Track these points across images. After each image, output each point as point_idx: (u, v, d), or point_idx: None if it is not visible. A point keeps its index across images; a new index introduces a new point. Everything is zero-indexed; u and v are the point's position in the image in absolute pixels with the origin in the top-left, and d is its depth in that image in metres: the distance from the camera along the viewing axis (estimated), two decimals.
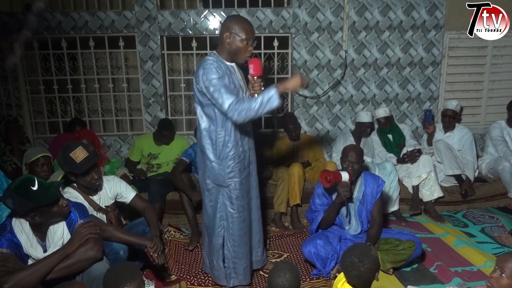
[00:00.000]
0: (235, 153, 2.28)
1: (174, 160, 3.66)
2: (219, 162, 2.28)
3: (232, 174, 2.29)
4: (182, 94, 4.13)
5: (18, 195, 1.83)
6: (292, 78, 2.19)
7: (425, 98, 4.26)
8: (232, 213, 2.35)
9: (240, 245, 2.40)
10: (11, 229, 1.92)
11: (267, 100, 2.06)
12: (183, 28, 3.92)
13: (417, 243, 2.60)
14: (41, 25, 3.80)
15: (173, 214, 3.47)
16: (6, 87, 4.00)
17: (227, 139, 2.25)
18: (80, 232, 2.00)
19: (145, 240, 2.29)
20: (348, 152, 2.60)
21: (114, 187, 2.51)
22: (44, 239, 1.99)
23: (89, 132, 3.43)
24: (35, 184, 1.86)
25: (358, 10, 3.99)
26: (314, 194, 2.76)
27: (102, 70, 4.19)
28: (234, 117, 2.10)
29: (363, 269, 1.64)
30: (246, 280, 2.48)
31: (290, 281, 1.65)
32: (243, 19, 2.32)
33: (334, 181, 2.46)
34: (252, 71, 2.28)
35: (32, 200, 1.84)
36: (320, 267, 2.58)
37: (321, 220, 2.67)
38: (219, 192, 2.34)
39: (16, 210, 1.88)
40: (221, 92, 2.10)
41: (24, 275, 1.82)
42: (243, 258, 2.43)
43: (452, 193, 3.68)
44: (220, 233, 2.40)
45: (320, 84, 4.14)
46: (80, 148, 2.27)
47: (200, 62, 2.26)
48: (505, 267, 1.68)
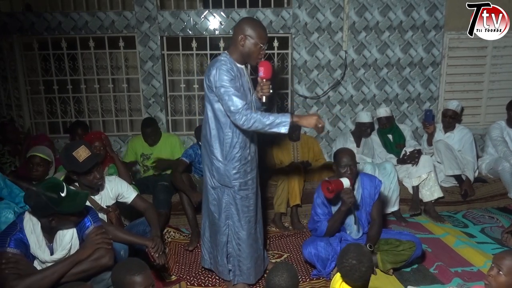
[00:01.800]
0: (242, 155, 2.29)
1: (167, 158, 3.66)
2: (225, 162, 2.28)
3: (237, 175, 2.30)
4: (182, 95, 4.13)
5: (45, 197, 1.80)
6: (309, 116, 2.21)
7: (425, 98, 4.27)
8: (236, 213, 2.35)
9: (246, 245, 2.40)
10: (21, 229, 1.88)
11: (278, 123, 2.10)
12: (183, 29, 3.92)
13: (417, 244, 2.60)
14: (41, 25, 3.80)
15: (173, 215, 3.47)
16: (6, 87, 4.01)
17: (235, 140, 2.26)
18: (94, 239, 1.97)
19: (146, 240, 2.29)
20: (342, 157, 2.54)
21: (115, 187, 2.51)
22: (52, 241, 1.96)
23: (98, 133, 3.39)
24: (63, 190, 1.85)
25: (358, 11, 4.00)
26: (314, 204, 2.69)
27: (102, 70, 4.19)
28: (240, 121, 2.11)
29: (364, 269, 1.65)
30: (250, 279, 2.48)
31: (287, 281, 1.66)
32: (258, 23, 2.30)
33: (337, 190, 2.40)
34: (262, 74, 2.29)
35: (57, 205, 1.81)
36: (320, 268, 2.58)
37: (325, 229, 2.60)
38: (224, 191, 2.35)
39: (36, 210, 1.86)
40: (231, 95, 2.11)
41: (35, 279, 1.79)
42: (248, 258, 2.43)
43: (452, 193, 3.68)
44: (225, 232, 2.41)
45: (320, 84, 4.14)
46: (83, 147, 2.27)
47: (213, 61, 2.26)
48: (502, 265, 1.68)
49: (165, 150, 3.72)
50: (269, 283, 1.69)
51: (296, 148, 3.79)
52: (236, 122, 2.14)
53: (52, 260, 1.91)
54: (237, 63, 2.28)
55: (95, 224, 2.03)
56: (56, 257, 1.92)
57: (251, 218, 2.41)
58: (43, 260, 1.91)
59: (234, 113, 2.10)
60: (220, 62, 2.19)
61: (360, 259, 1.66)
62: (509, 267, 1.66)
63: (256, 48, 2.23)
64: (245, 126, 2.12)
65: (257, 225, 2.51)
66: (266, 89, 2.31)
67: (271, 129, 2.12)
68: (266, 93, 2.31)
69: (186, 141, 4.10)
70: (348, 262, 1.67)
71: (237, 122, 2.13)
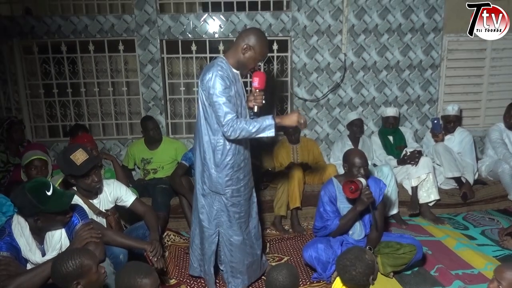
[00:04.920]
0: (234, 162, 2.27)
1: (169, 163, 3.66)
2: (218, 170, 2.26)
3: (229, 182, 2.28)
4: (181, 98, 4.14)
5: (31, 196, 1.81)
6: (290, 114, 2.24)
7: (424, 100, 4.27)
8: (228, 220, 2.33)
9: (238, 250, 2.38)
10: (10, 233, 1.90)
11: (264, 127, 2.13)
12: (183, 32, 3.93)
13: (418, 247, 2.59)
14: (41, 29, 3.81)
15: (173, 218, 3.46)
16: (6, 90, 4.01)
17: (228, 147, 2.24)
18: (81, 235, 1.99)
19: (144, 244, 2.29)
20: (354, 158, 2.54)
21: (114, 191, 2.50)
22: (42, 242, 1.98)
23: (89, 136, 3.43)
24: (50, 189, 1.86)
25: (357, 13, 4.01)
26: (321, 202, 2.66)
27: (102, 73, 4.19)
28: (228, 133, 2.12)
29: (354, 273, 1.66)
30: (244, 283, 2.47)
31: (286, 277, 1.67)
32: (265, 39, 2.27)
33: (360, 189, 2.40)
34: (257, 84, 2.31)
35: (43, 204, 1.83)
36: (320, 271, 2.57)
37: (335, 228, 2.59)
38: (215, 198, 2.32)
39: (22, 210, 1.87)
40: (222, 105, 2.10)
41: (26, 278, 1.81)
42: (240, 263, 2.41)
43: (452, 195, 3.68)
44: (214, 240, 2.39)
45: (319, 87, 4.14)
46: (81, 151, 2.27)
47: (209, 65, 2.23)
48: (501, 279, 1.68)
49: (166, 154, 3.71)
50: (269, 282, 1.71)
51: (296, 150, 3.79)
52: (224, 134, 2.16)
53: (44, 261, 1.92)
54: (233, 68, 2.26)
55: (83, 221, 2.04)
56: (47, 258, 1.93)
57: (242, 224, 2.39)
58: (35, 262, 1.93)
59: (223, 125, 2.11)
60: (216, 67, 2.15)
61: (354, 262, 1.67)
62: (509, 281, 1.66)
63: (254, 62, 2.25)
64: (232, 137, 2.13)
65: (252, 230, 2.48)
66: (259, 100, 2.33)
67: (258, 135, 2.14)
68: (259, 103, 2.33)
69: (186, 144, 4.09)
70: (342, 262, 1.70)
71: (225, 134, 2.14)
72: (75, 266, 1.61)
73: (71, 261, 1.61)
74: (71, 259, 1.62)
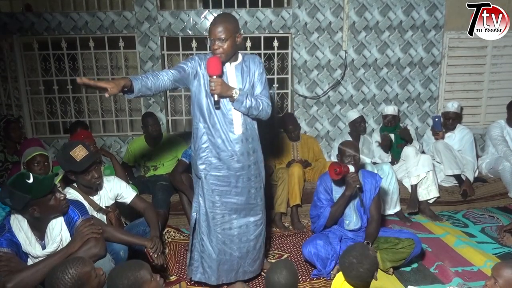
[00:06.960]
0: (209, 147, 2.28)
1: (169, 160, 3.66)
2: (195, 152, 2.33)
3: (203, 167, 2.30)
4: (182, 95, 4.13)
5: (15, 189, 1.84)
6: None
7: (425, 98, 4.26)
8: (201, 206, 2.35)
9: (209, 243, 2.34)
10: (9, 229, 1.92)
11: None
12: (183, 29, 3.92)
13: (416, 241, 2.60)
14: (41, 26, 3.80)
15: (173, 215, 3.47)
16: (6, 87, 4.01)
17: (203, 132, 2.27)
18: (82, 231, 2.00)
19: (144, 240, 2.29)
20: (346, 148, 2.63)
21: (114, 188, 2.51)
22: (43, 237, 1.99)
23: (87, 132, 3.42)
24: (30, 177, 1.87)
25: (358, 10, 4.00)
26: (317, 190, 2.77)
27: (102, 70, 4.19)
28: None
29: (362, 270, 1.65)
30: (211, 280, 2.38)
31: (286, 278, 1.66)
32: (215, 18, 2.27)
33: (344, 173, 2.50)
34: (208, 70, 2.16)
35: (28, 192, 1.85)
36: (320, 268, 2.58)
37: (328, 215, 2.66)
38: (197, 182, 2.37)
39: (14, 205, 1.89)
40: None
41: (27, 274, 1.82)
42: (210, 258, 2.36)
43: (452, 193, 3.68)
44: (192, 224, 2.42)
45: (320, 84, 4.14)
46: (80, 147, 2.27)
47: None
48: (498, 276, 1.69)
49: (167, 151, 3.71)
50: (268, 281, 1.69)
51: (296, 148, 3.79)
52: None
53: (44, 255, 1.94)
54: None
55: (83, 217, 2.05)
56: (48, 251, 1.95)
57: (216, 216, 2.32)
58: (35, 256, 1.94)
59: None
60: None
61: (361, 259, 1.66)
62: (505, 279, 1.67)
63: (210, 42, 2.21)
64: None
65: (235, 231, 2.37)
66: (213, 87, 2.14)
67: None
68: (213, 91, 2.15)
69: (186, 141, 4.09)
70: (348, 260, 1.68)
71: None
72: (73, 280, 1.54)
73: (67, 276, 1.53)
74: (66, 274, 1.53)
